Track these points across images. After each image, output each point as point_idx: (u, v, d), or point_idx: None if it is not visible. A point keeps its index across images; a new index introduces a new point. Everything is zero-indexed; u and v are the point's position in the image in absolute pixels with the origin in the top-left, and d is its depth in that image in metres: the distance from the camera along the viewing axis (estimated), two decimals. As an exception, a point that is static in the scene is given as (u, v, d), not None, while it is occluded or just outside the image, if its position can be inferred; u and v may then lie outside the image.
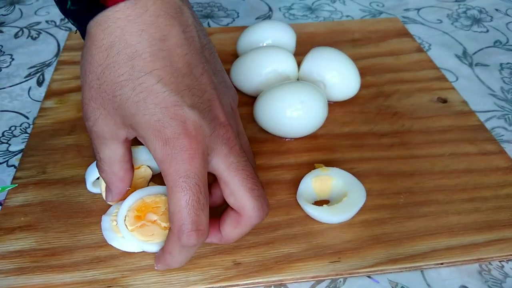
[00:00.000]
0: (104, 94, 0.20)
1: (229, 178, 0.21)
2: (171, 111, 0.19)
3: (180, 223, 0.20)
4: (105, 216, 0.26)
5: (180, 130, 0.19)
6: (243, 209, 0.21)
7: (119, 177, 0.23)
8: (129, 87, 0.19)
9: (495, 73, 0.43)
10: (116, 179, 0.23)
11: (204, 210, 0.20)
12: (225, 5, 0.52)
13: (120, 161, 0.22)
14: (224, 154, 0.21)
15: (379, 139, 0.34)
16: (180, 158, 0.19)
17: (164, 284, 0.24)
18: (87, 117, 0.21)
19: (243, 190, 0.21)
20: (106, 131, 0.21)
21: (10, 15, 0.49)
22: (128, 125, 0.20)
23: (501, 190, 0.30)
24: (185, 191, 0.19)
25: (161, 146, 0.19)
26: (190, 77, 0.20)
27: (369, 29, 0.46)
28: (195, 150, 0.19)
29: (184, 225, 0.20)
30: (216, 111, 0.21)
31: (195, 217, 0.20)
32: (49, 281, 0.24)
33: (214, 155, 0.20)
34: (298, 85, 0.32)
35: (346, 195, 0.28)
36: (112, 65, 0.19)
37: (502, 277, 0.26)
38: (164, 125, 0.19)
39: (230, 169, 0.21)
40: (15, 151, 0.33)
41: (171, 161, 0.19)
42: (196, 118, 0.19)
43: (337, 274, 0.25)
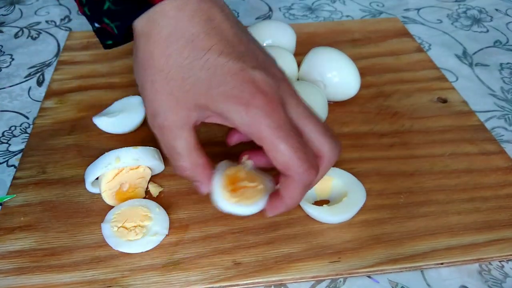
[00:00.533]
0: (172, 81, 0.21)
1: (303, 125, 0.22)
2: (241, 76, 0.21)
3: (297, 167, 0.21)
4: (104, 224, 0.26)
5: (255, 89, 0.20)
6: (321, 151, 0.23)
7: (202, 165, 0.23)
8: (197, 66, 0.21)
9: (495, 73, 0.43)
10: (201, 169, 0.23)
11: (307, 148, 0.22)
12: (225, 5, 0.52)
13: (197, 149, 0.23)
14: (295, 105, 0.22)
15: (379, 139, 0.34)
16: (265, 113, 0.20)
17: (164, 284, 0.24)
18: (156, 113, 0.22)
19: (318, 134, 0.22)
20: (178, 120, 0.22)
21: (10, 15, 0.49)
22: (203, 105, 0.21)
23: (501, 190, 0.30)
24: (285, 138, 0.21)
25: (244, 110, 0.20)
26: (241, 45, 0.22)
27: (369, 29, 0.46)
28: (274, 102, 0.21)
29: (301, 167, 0.21)
30: (272, 69, 0.22)
31: (305, 156, 0.21)
32: (48, 281, 0.24)
33: (288, 106, 0.22)
34: (298, 85, 0.32)
35: (346, 195, 0.28)
36: (175, 52, 0.21)
37: (502, 277, 0.26)
38: (240, 89, 0.20)
39: (302, 117, 0.22)
40: (15, 151, 0.33)
41: (260, 119, 0.20)
42: (262, 76, 0.21)
43: (337, 274, 0.25)
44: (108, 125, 0.32)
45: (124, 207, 0.27)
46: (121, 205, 0.27)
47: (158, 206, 0.27)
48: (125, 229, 0.26)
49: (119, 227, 0.26)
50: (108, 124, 0.32)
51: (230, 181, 0.26)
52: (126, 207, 0.27)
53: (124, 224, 0.26)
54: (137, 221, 0.26)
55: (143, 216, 0.26)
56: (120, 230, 0.26)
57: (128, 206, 0.27)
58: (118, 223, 0.26)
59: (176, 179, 0.30)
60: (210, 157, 0.32)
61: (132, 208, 0.27)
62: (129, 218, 0.26)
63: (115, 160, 0.26)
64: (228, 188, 0.26)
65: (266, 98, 0.21)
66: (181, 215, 0.27)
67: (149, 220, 0.26)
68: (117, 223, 0.26)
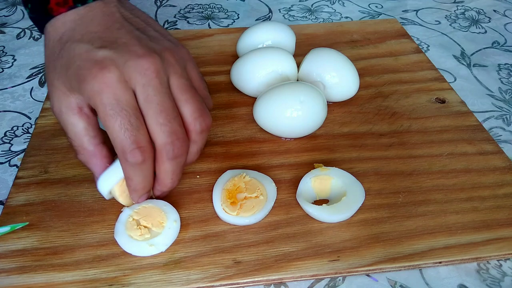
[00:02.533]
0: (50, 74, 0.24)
1: (145, 109, 0.22)
2: (84, 56, 0.23)
3: (121, 146, 0.22)
4: (128, 209, 0.26)
5: (92, 65, 0.22)
6: (155, 142, 0.23)
7: (90, 152, 0.24)
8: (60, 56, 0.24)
9: (493, 74, 0.43)
10: (89, 155, 0.24)
11: (140, 130, 0.22)
12: (225, 7, 0.53)
13: (85, 135, 0.24)
14: (142, 85, 0.22)
15: (378, 139, 0.34)
16: (99, 89, 0.22)
17: (164, 283, 0.24)
18: (52, 99, 0.24)
19: (155, 124, 0.23)
20: (62, 106, 0.24)
21: (12, 16, 0.49)
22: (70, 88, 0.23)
23: (499, 189, 0.30)
24: (115, 117, 0.22)
25: (84, 86, 0.22)
26: (105, 32, 0.24)
27: (368, 30, 0.46)
28: (110, 78, 0.22)
29: (125, 146, 0.22)
30: (133, 48, 0.23)
31: (132, 137, 0.22)
32: (51, 280, 0.24)
33: (134, 85, 0.22)
34: (298, 85, 0.33)
35: (345, 195, 0.28)
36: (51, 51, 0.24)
37: (500, 276, 0.26)
38: (81, 67, 0.22)
39: (146, 101, 0.22)
40: (17, 151, 0.33)
41: (94, 95, 0.22)
42: (106, 53, 0.22)
43: (336, 273, 0.25)
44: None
45: (151, 204, 0.27)
46: (150, 201, 0.27)
47: (176, 220, 0.26)
48: (136, 224, 0.26)
49: (134, 219, 0.26)
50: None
51: (229, 195, 0.27)
52: (153, 204, 0.27)
53: (140, 219, 0.26)
54: (149, 224, 0.26)
55: (158, 222, 0.26)
56: (132, 222, 0.26)
57: (155, 205, 0.27)
58: (137, 215, 0.26)
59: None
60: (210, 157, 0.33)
61: (156, 209, 0.26)
62: (147, 217, 0.26)
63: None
64: (228, 202, 0.27)
65: (100, 74, 0.22)
66: (182, 214, 0.28)
67: (160, 229, 0.26)
68: (136, 214, 0.26)
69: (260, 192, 0.28)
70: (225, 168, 0.30)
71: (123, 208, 0.27)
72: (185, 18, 0.50)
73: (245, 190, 0.28)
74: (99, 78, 0.22)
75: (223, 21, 0.50)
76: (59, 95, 0.23)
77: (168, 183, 0.25)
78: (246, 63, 0.36)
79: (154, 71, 0.23)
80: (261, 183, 0.28)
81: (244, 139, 0.33)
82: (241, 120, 0.35)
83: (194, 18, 0.50)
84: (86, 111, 0.24)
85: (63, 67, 0.23)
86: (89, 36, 0.23)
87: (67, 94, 0.23)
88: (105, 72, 0.22)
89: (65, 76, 0.23)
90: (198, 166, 0.31)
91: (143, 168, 0.23)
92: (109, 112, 0.22)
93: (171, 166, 0.24)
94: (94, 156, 0.24)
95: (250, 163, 0.31)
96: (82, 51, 0.23)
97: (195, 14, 0.51)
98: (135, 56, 0.22)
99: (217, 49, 0.43)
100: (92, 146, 0.24)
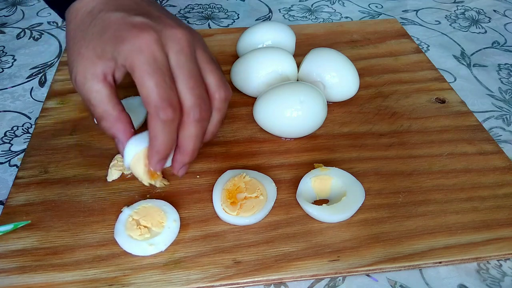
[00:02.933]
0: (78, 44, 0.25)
1: (176, 73, 0.24)
2: (122, 21, 0.24)
3: (155, 102, 0.23)
4: (128, 209, 0.26)
5: (131, 28, 0.23)
6: (183, 104, 0.24)
7: (114, 117, 0.25)
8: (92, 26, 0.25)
9: (493, 74, 0.43)
10: (114, 120, 0.25)
11: (173, 90, 0.24)
12: (225, 7, 0.53)
13: (110, 101, 0.25)
14: (175, 51, 0.24)
15: (378, 139, 0.34)
16: (139, 48, 0.23)
17: (165, 283, 0.24)
18: (71, 71, 0.26)
19: (185, 88, 0.24)
20: (87, 73, 0.25)
21: (12, 16, 0.49)
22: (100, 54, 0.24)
23: (499, 189, 0.30)
24: (151, 75, 0.23)
25: (121, 45, 0.23)
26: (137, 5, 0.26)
27: (368, 30, 0.46)
28: (150, 39, 0.23)
29: (159, 103, 0.23)
30: (166, 20, 0.25)
31: (165, 95, 0.23)
32: (51, 280, 0.24)
33: (167, 50, 0.24)
34: (298, 85, 0.33)
35: (345, 195, 0.28)
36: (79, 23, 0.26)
37: (500, 275, 0.26)
38: (120, 30, 0.24)
39: (178, 66, 0.24)
40: (17, 151, 0.33)
41: (132, 54, 0.23)
42: (142, 19, 0.24)
43: (336, 273, 0.25)
44: (110, 125, 0.33)
45: (151, 204, 0.27)
46: (150, 201, 0.27)
47: (176, 220, 0.26)
48: (136, 223, 0.26)
49: (134, 219, 0.26)
50: (110, 124, 0.33)
51: (229, 195, 0.27)
52: (153, 204, 0.27)
53: (140, 219, 0.26)
54: (149, 224, 0.26)
55: (158, 222, 0.26)
56: (132, 222, 0.26)
57: (154, 205, 0.27)
58: (137, 215, 0.26)
59: (176, 178, 0.30)
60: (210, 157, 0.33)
61: (156, 209, 0.27)
62: (147, 216, 0.26)
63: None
64: (228, 201, 0.27)
65: (140, 35, 0.23)
66: (182, 214, 0.28)
67: (160, 228, 0.26)
68: (136, 214, 0.26)
69: (260, 192, 0.28)
70: (225, 168, 0.30)
71: (123, 208, 0.27)
72: (185, 18, 0.50)
73: (245, 190, 0.28)
74: (139, 38, 0.23)
75: (223, 21, 0.50)
76: (85, 64, 0.25)
77: (190, 149, 0.26)
78: (246, 63, 0.36)
79: (186, 41, 0.24)
80: (261, 183, 0.28)
81: (244, 139, 0.33)
82: (241, 120, 0.35)
83: (194, 18, 0.50)
84: (109, 79, 0.25)
85: (97, 33, 0.25)
86: (122, 7, 0.25)
87: (95, 62, 0.25)
88: (144, 33, 0.23)
89: (98, 41, 0.24)
90: (198, 166, 0.31)
91: (171, 127, 0.24)
92: (147, 70, 0.23)
93: (195, 129, 0.25)
94: (119, 121, 0.25)
95: (250, 163, 0.31)
96: (119, 17, 0.24)
97: (195, 14, 0.51)
98: (169, 26, 0.24)
99: (217, 49, 0.43)
100: (116, 111, 0.25)
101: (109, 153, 0.31)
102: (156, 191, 0.29)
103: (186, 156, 0.26)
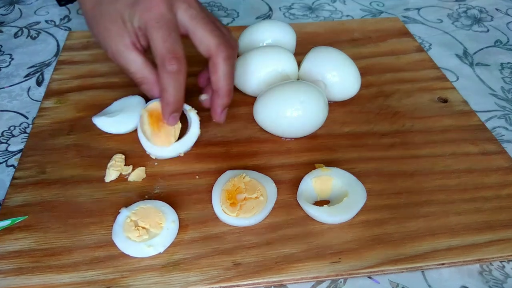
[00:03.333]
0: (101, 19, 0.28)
1: (192, 27, 0.27)
2: None
3: (161, 54, 0.26)
4: (125, 210, 0.26)
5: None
6: (210, 49, 0.28)
7: (153, 80, 0.29)
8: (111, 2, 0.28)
9: (495, 73, 0.43)
10: (152, 83, 0.29)
11: (178, 43, 0.27)
12: (225, 5, 0.52)
13: (146, 66, 0.28)
14: (185, 8, 0.27)
15: (379, 139, 0.34)
16: (150, 6, 0.26)
17: (163, 285, 0.24)
18: (105, 47, 0.29)
19: (206, 32, 0.27)
20: (119, 45, 0.28)
21: (10, 15, 0.49)
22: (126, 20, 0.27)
23: (502, 190, 0.30)
24: (158, 29, 0.26)
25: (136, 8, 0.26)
26: None
27: (369, 29, 0.46)
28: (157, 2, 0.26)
29: (164, 54, 0.26)
30: None
31: (171, 47, 0.26)
32: (48, 281, 0.24)
33: (178, 10, 0.27)
34: (298, 85, 0.32)
35: (347, 195, 0.27)
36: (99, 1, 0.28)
37: (503, 277, 0.26)
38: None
39: (191, 19, 0.27)
40: (14, 151, 0.33)
41: (144, 13, 0.26)
42: None
43: (337, 275, 0.25)
44: (107, 125, 0.32)
45: (149, 205, 0.27)
46: (148, 201, 0.27)
47: (175, 221, 0.26)
48: (134, 225, 0.26)
49: (132, 220, 0.26)
50: (107, 124, 0.32)
51: (229, 196, 0.27)
52: (151, 205, 0.27)
53: (138, 220, 0.26)
54: (147, 225, 0.26)
55: (156, 223, 0.26)
56: (130, 223, 0.26)
57: (153, 206, 0.27)
58: (135, 216, 0.26)
59: (176, 179, 0.30)
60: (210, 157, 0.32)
61: (154, 210, 0.26)
62: (145, 218, 0.26)
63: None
64: (228, 202, 0.26)
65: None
66: (181, 215, 0.27)
67: (158, 230, 0.26)
68: (134, 216, 0.26)
69: (260, 192, 0.27)
70: (225, 168, 0.30)
71: (121, 209, 0.27)
72: (184, 17, 0.50)
73: (245, 191, 0.27)
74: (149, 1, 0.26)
75: (223, 19, 0.50)
76: (114, 37, 0.28)
77: (227, 89, 0.29)
78: (246, 62, 0.35)
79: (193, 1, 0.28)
80: (261, 183, 0.28)
81: (244, 139, 0.33)
82: (241, 120, 0.35)
83: (193, 16, 0.50)
84: (139, 47, 0.28)
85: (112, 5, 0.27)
86: None
87: (122, 34, 0.27)
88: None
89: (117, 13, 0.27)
90: (197, 167, 0.31)
91: (178, 78, 0.27)
92: (154, 25, 0.26)
93: (226, 67, 0.28)
94: (156, 83, 0.28)
95: (250, 163, 0.31)
96: None
97: (194, 12, 0.51)
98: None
99: (216, 47, 0.42)
100: (153, 75, 0.28)
101: (107, 153, 0.31)
102: (154, 192, 0.29)
103: (224, 97, 0.29)
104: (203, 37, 0.27)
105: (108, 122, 0.32)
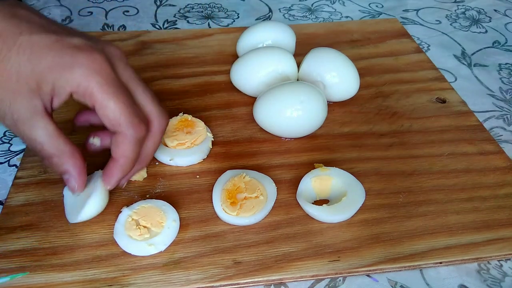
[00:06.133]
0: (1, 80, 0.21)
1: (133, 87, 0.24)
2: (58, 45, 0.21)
3: (126, 122, 0.22)
4: (127, 209, 0.26)
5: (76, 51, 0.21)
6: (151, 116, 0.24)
7: (68, 152, 0.23)
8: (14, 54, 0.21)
9: (493, 74, 0.43)
10: (67, 155, 0.23)
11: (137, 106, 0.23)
12: (225, 6, 0.53)
13: (59, 135, 0.23)
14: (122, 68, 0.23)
15: (378, 139, 0.34)
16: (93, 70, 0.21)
17: (164, 283, 0.24)
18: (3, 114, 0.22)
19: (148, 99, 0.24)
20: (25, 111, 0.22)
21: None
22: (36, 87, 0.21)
23: (500, 189, 0.30)
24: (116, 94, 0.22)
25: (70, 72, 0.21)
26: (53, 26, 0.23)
27: (368, 30, 0.46)
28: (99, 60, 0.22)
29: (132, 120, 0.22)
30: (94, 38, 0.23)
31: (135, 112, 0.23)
32: (50, 280, 0.24)
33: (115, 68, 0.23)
34: (298, 85, 0.33)
35: (346, 195, 0.28)
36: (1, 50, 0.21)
37: (501, 276, 0.26)
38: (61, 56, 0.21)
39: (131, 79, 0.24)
40: (17, 150, 0.33)
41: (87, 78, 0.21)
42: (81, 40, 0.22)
43: (336, 273, 0.25)
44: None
45: (150, 204, 0.27)
46: (149, 201, 0.27)
47: (176, 220, 0.26)
48: (136, 223, 0.26)
49: (133, 219, 0.26)
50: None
51: (229, 195, 0.27)
52: (152, 204, 0.27)
53: (139, 219, 0.26)
54: (148, 224, 0.26)
55: (157, 222, 0.26)
56: (131, 222, 0.26)
57: (154, 205, 0.27)
58: (136, 215, 0.26)
59: (176, 178, 0.30)
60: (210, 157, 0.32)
61: (155, 209, 0.27)
62: (147, 217, 0.26)
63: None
64: (228, 202, 0.27)
65: (90, 57, 0.21)
66: (181, 215, 0.27)
67: (159, 228, 0.26)
68: (136, 215, 0.26)
69: (260, 192, 0.28)
70: (225, 168, 0.30)
71: (123, 208, 0.27)
72: (184, 18, 0.50)
73: (245, 190, 0.28)
74: (90, 60, 0.21)
75: (223, 20, 0.50)
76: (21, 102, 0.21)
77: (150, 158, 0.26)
78: (246, 62, 0.36)
79: (123, 55, 0.24)
80: (261, 183, 0.28)
81: (244, 139, 0.33)
82: (241, 120, 0.35)
83: (194, 17, 0.50)
84: (49, 112, 0.23)
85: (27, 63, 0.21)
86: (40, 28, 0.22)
87: (30, 97, 0.21)
88: (94, 54, 0.22)
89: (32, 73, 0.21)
90: (197, 166, 0.31)
91: (142, 142, 0.24)
92: (109, 91, 0.22)
93: (159, 139, 0.25)
94: (73, 156, 0.23)
95: (250, 163, 0.31)
96: (52, 40, 0.21)
97: (194, 13, 0.51)
98: (103, 43, 0.23)
99: (217, 48, 0.42)
100: (69, 146, 0.23)
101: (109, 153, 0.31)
102: (155, 192, 0.29)
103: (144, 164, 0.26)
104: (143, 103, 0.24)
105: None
